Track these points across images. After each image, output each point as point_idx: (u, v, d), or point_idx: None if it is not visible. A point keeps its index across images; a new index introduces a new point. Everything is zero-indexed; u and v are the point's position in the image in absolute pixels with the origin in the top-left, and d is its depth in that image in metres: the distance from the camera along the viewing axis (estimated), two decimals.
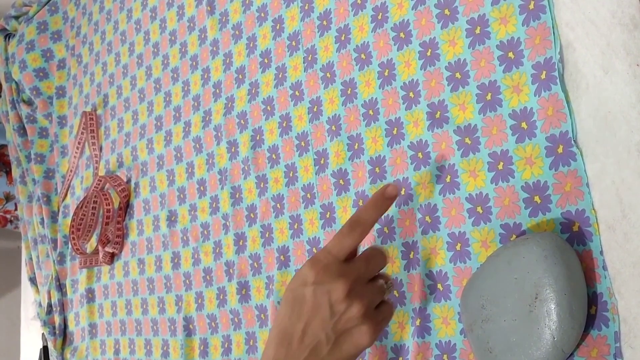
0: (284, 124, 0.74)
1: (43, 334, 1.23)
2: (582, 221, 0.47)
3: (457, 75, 0.56)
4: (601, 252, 0.46)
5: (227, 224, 0.81)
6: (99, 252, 1.05)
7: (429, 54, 0.59)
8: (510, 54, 0.52)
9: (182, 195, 0.90)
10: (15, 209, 1.75)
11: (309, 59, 0.71)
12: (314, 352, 0.48)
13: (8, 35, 1.40)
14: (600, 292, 0.46)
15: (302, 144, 0.71)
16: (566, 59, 0.49)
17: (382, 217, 0.61)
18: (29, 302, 1.37)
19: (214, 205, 0.84)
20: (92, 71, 1.16)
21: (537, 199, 0.50)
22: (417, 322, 0.57)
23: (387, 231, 0.61)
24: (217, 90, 0.85)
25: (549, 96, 0.50)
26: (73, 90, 1.23)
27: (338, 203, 0.66)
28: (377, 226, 0.62)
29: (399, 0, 0.61)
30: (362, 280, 0.50)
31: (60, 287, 1.21)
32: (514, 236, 0.51)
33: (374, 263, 0.51)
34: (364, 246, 0.63)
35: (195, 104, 0.89)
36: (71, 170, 1.18)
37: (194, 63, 0.90)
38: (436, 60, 0.58)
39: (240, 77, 0.81)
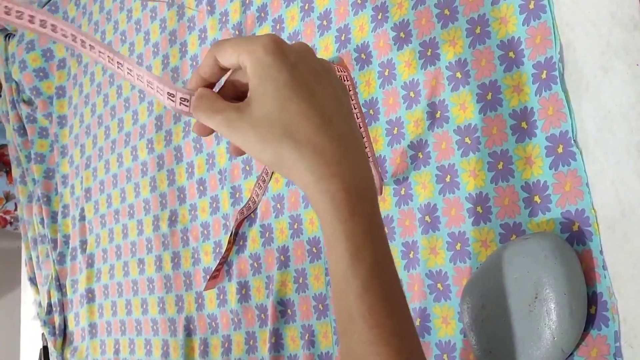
0: None
1: (43, 334, 1.23)
2: (582, 221, 0.47)
3: (458, 74, 0.56)
4: (601, 252, 0.46)
5: (227, 224, 0.81)
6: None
7: (429, 53, 0.59)
8: (511, 54, 0.52)
9: (182, 195, 0.90)
10: (15, 209, 1.75)
11: None
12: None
13: (8, 35, 1.40)
14: (600, 292, 0.46)
15: None
16: (566, 59, 0.49)
17: (382, 216, 0.61)
18: (29, 302, 1.37)
19: (214, 205, 0.84)
20: (92, 71, 1.16)
21: (537, 198, 0.50)
22: (417, 322, 0.57)
23: (387, 231, 0.61)
24: None
25: (549, 96, 0.50)
26: (73, 90, 1.23)
27: None
28: None
29: (398, 0, 0.62)
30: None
31: (60, 287, 1.21)
32: (514, 236, 0.51)
33: None
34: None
35: None
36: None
37: (194, 63, 0.90)
38: (436, 60, 0.58)
39: None
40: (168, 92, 0.41)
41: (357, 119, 0.64)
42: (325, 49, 0.69)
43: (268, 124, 0.38)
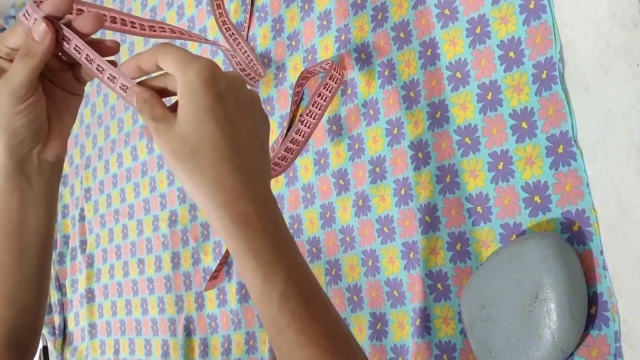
0: (284, 124, 0.73)
1: (43, 334, 1.23)
2: (582, 221, 0.47)
3: (458, 74, 0.56)
4: (601, 252, 0.46)
5: None
6: None
7: (429, 53, 0.59)
8: (511, 54, 0.52)
9: (181, 195, 0.90)
10: None
11: (309, 58, 0.71)
12: None
13: None
14: (600, 292, 0.46)
15: None
16: (566, 58, 0.49)
17: (382, 217, 0.61)
18: None
19: None
20: None
21: (537, 198, 0.50)
22: (417, 322, 0.57)
23: (387, 231, 0.61)
24: None
25: (549, 96, 0.50)
26: None
27: (338, 203, 0.66)
28: (377, 225, 0.62)
29: (398, 0, 0.61)
30: None
31: (60, 287, 1.21)
32: (514, 236, 0.51)
33: None
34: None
35: None
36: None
37: None
38: (436, 60, 0.58)
39: None
40: (110, 74, 0.44)
41: (321, 106, 0.64)
42: (325, 49, 0.69)
43: (182, 141, 0.40)
